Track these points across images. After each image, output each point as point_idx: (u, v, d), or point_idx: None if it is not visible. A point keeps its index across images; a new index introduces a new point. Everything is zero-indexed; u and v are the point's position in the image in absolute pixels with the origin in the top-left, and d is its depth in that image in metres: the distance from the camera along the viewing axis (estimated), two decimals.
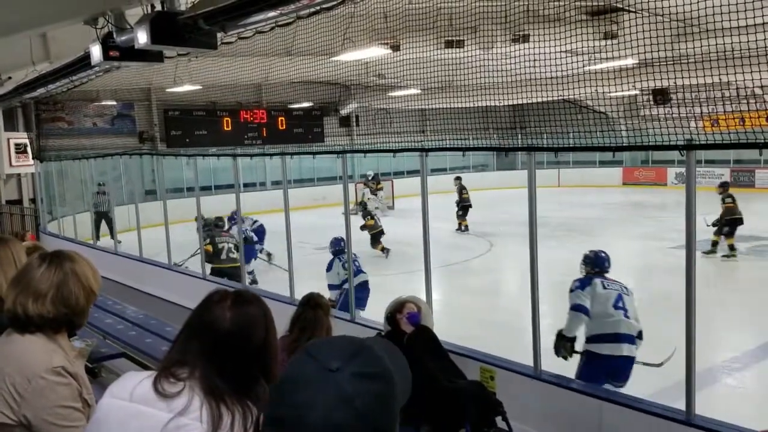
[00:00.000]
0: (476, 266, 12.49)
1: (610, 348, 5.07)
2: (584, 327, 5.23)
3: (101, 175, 14.77)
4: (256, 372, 1.53)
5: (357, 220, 12.21)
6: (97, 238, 14.54)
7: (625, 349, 5.06)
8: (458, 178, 17.23)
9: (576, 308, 5.16)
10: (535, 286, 5.08)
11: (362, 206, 14.43)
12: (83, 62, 7.54)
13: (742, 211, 12.07)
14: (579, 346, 5.37)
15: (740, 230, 14.20)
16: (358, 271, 7.80)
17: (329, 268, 8.19)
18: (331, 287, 8.01)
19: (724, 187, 12.76)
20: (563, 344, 5.30)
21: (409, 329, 4.43)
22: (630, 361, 5.12)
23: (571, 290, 5.31)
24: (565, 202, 20.49)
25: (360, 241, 10.79)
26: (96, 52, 6.43)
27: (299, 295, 4.69)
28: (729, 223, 11.96)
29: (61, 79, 9.14)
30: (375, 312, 7.12)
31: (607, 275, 5.50)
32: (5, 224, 16.76)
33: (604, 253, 5.69)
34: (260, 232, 11.71)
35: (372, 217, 13.88)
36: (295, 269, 7.79)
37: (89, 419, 1.74)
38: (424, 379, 4.05)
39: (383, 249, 12.97)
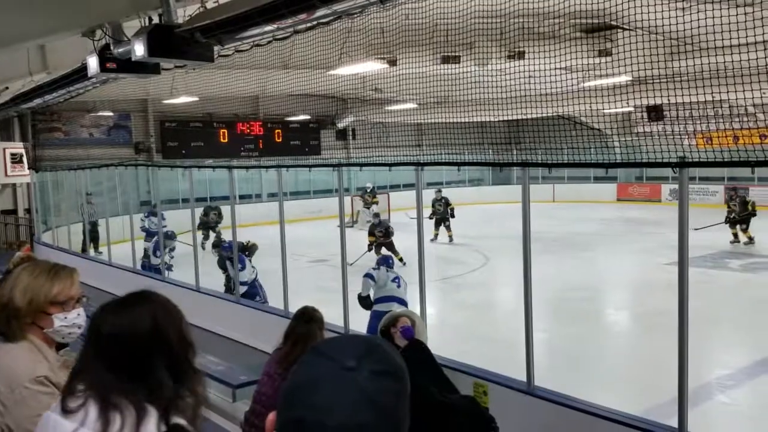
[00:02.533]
0: (471, 280, 12.48)
1: None
2: None
3: (96, 186, 14.75)
4: (157, 370, 1.51)
5: (352, 234, 12.20)
6: (94, 249, 14.52)
7: None
8: (438, 191, 17.60)
9: None
10: (529, 301, 5.09)
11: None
12: (80, 73, 7.57)
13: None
14: None
15: (735, 248, 14.33)
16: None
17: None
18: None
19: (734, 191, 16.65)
20: None
21: (402, 343, 4.42)
22: None
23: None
24: (560, 218, 20.55)
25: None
26: (93, 63, 6.46)
27: (294, 308, 4.69)
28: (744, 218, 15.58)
29: (58, 90, 9.16)
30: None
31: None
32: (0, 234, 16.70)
33: None
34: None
35: (371, 234, 13.94)
36: (289, 282, 7.78)
37: None
38: (416, 394, 4.03)
39: (400, 259, 12.65)
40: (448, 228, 16.84)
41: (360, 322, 7.59)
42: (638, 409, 4.92)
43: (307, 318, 4.03)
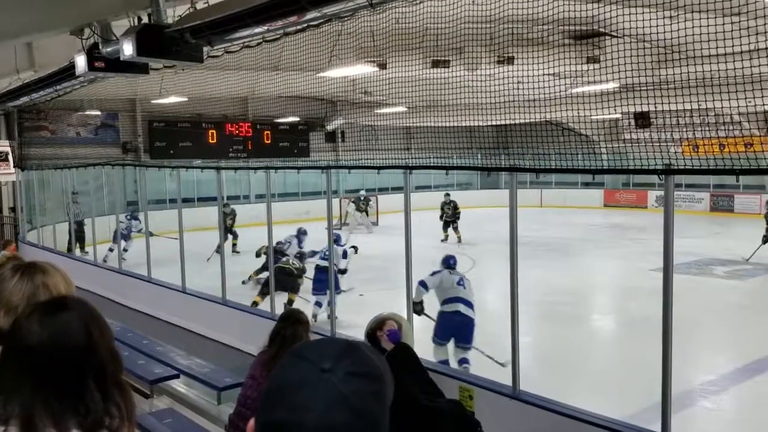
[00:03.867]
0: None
1: None
2: None
3: (83, 185, 14.64)
4: (88, 388, 1.36)
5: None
6: (79, 248, 14.39)
7: None
8: (447, 194, 18.00)
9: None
10: (515, 305, 5.11)
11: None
12: (68, 72, 7.52)
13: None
14: None
15: (720, 255, 14.43)
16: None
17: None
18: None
19: None
20: None
21: (389, 347, 4.41)
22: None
23: None
24: (547, 223, 20.63)
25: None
26: (81, 62, 6.42)
27: (279, 310, 4.68)
28: None
29: (46, 89, 9.09)
30: (356, 328, 7.11)
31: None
32: None
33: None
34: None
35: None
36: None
37: None
38: (402, 398, 4.03)
39: None
40: (456, 230, 17.36)
41: (347, 323, 7.60)
42: (623, 413, 4.95)
43: (293, 320, 4.02)
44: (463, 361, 6.75)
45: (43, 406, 1.30)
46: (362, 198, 20.95)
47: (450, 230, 17.50)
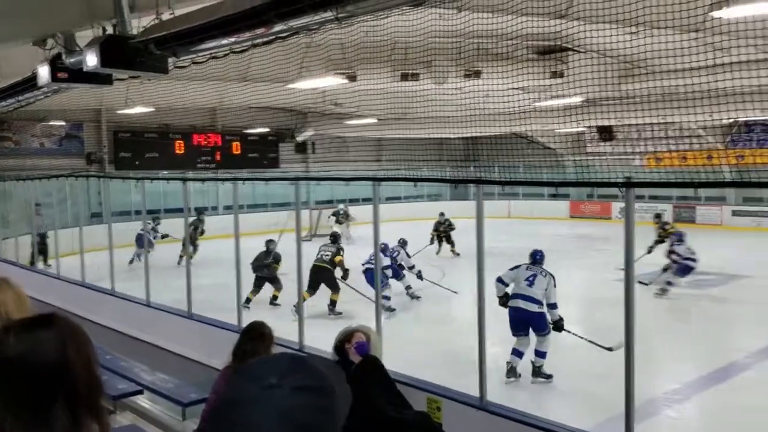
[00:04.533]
0: (427, 295, 12.52)
1: None
2: None
3: (46, 197, 14.35)
4: (58, 410, 1.28)
5: (309, 247, 12.11)
6: (42, 261, 14.07)
7: None
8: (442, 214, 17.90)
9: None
10: (483, 316, 5.15)
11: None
12: (31, 82, 7.38)
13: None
14: None
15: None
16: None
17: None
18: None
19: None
20: None
21: (357, 359, 4.41)
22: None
23: None
24: (515, 233, 20.81)
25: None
26: (44, 73, 6.31)
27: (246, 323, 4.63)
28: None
29: (8, 99, 8.91)
30: (324, 340, 7.07)
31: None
32: None
33: None
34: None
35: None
36: (243, 295, 7.68)
37: None
38: (370, 410, 4.03)
39: None
40: (452, 244, 17.32)
41: (316, 337, 7.54)
42: (589, 423, 5.01)
43: (254, 334, 3.97)
44: (537, 354, 7.34)
45: (12, 423, 1.25)
46: (341, 212, 20.82)
47: (444, 245, 17.49)
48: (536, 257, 7.80)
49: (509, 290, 7.48)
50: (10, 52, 8.32)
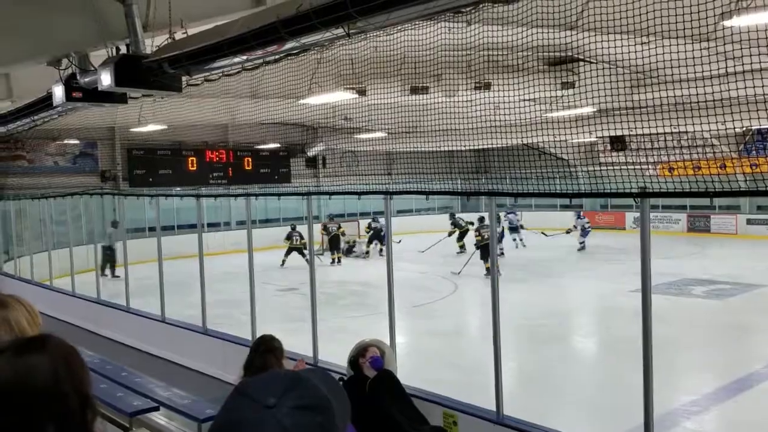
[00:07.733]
0: (441, 308, 12.48)
1: None
2: None
3: (61, 215, 14.48)
4: (49, 429, 1.26)
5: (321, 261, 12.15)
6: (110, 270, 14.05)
7: None
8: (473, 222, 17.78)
9: None
10: (497, 329, 5.12)
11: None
12: (45, 102, 7.47)
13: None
14: None
15: (698, 275, 14.56)
16: None
17: None
18: None
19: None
20: None
21: (372, 374, 4.40)
22: None
23: None
24: (528, 245, 20.78)
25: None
26: (59, 92, 6.39)
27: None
28: None
29: (23, 119, 9.03)
30: (339, 355, 7.05)
31: None
32: None
33: None
34: None
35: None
36: (258, 311, 7.69)
37: None
38: (385, 425, 4.01)
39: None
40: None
41: (330, 351, 7.53)
42: None
43: (264, 348, 3.94)
44: None
45: None
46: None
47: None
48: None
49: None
50: (22, 72, 8.45)
